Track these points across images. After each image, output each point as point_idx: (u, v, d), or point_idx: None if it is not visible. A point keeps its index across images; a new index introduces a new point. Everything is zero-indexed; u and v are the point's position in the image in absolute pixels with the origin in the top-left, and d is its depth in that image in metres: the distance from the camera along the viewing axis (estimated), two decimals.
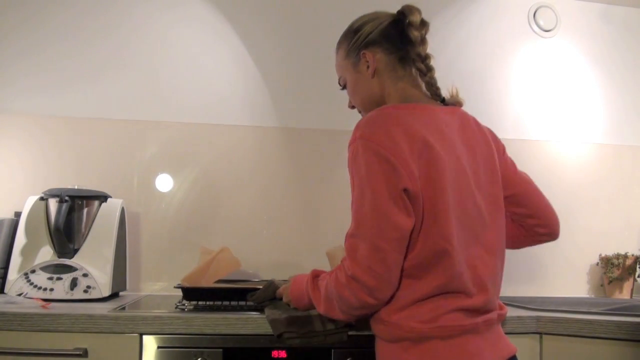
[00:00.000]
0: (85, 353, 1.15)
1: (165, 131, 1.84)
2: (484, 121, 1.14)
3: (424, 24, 1.10)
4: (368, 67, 1.12)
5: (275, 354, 1.20)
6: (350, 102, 1.22)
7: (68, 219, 1.47)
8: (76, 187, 1.56)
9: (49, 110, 1.80)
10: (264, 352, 1.20)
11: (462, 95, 1.13)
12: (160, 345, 1.19)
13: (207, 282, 1.49)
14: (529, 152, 2.03)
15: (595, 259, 2.00)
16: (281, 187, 1.87)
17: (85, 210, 1.53)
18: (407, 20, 1.09)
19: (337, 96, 1.28)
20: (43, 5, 1.83)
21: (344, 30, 1.20)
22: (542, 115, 2.07)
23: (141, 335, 1.18)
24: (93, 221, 1.54)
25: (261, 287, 1.32)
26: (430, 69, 1.10)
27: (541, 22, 2.10)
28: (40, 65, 1.81)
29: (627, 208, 2.06)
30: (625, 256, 1.93)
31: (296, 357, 1.21)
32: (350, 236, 0.95)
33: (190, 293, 1.41)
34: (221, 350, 1.19)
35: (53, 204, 1.49)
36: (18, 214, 1.57)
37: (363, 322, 1.09)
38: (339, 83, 1.21)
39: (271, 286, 1.27)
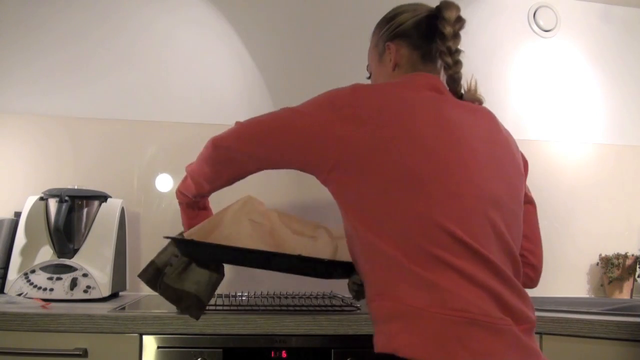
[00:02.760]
0: (85, 353, 1.15)
1: (165, 131, 1.84)
2: None
3: (459, 20, 1.06)
4: (391, 59, 1.09)
5: (275, 354, 1.20)
6: None
7: (68, 219, 1.47)
8: (76, 187, 1.56)
9: (49, 110, 1.80)
10: (264, 352, 1.20)
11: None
12: (160, 345, 1.19)
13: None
14: (529, 152, 2.00)
15: (595, 259, 2.01)
16: (281, 187, 1.87)
17: (85, 210, 1.53)
18: (442, 16, 1.05)
19: None
20: (45, 8, 1.83)
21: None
22: (542, 115, 2.07)
23: (141, 335, 1.18)
24: (93, 221, 1.54)
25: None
26: (456, 63, 1.06)
27: (541, 22, 2.10)
28: (41, 66, 1.81)
29: (627, 208, 2.06)
30: (625, 256, 1.93)
31: (296, 357, 1.21)
32: None
33: (191, 248, 1.13)
34: (221, 350, 1.19)
35: (53, 204, 1.49)
36: (18, 214, 1.57)
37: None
38: (367, 70, 1.20)
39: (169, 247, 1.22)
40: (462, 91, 1.09)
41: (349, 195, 0.95)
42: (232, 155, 1.12)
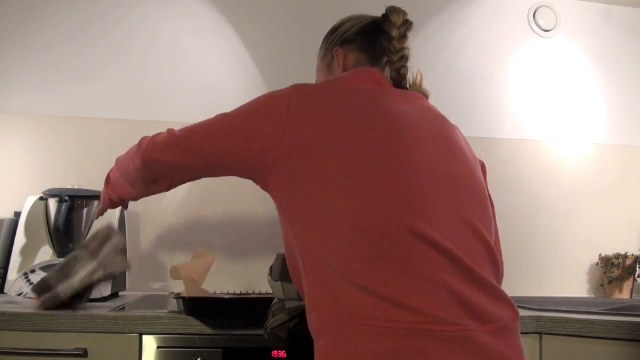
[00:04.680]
0: (85, 353, 1.15)
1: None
2: (483, 121, 1.12)
3: (405, 24, 1.04)
4: (339, 65, 1.09)
5: (275, 354, 1.20)
6: None
7: (68, 219, 1.47)
8: (76, 187, 1.56)
9: (49, 110, 1.80)
10: (264, 352, 1.20)
11: (462, 95, 1.11)
12: (160, 345, 1.19)
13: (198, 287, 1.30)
14: (528, 152, 2.03)
15: (595, 259, 2.00)
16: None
17: (85, 210, 1.53)
18: (389, 20, 1.04)
19: None
20: (44, 7, 1.83)
21: None
22: (542, 116, 2.07)
23: (141, 335, 1.18)
24: (93, 221, 1.54)
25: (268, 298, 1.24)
26: (401, 58, 1.03)
27: (541, 22, 2.10)
28: (41, 65, 1.81)
29: (627, 208, 2.06)
30: (625, 256, 1.93)
31: (297, 357, 1.21)
32: None
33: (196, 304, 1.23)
34: (221, 350, 1.19)
35: (53, 204, 1.49)
36: (18, 214, 1.57)
37: None
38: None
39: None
40: (408, 85, 1.07)
41: (289, 200, 0.88)
42: (166, 169, 1.07)
